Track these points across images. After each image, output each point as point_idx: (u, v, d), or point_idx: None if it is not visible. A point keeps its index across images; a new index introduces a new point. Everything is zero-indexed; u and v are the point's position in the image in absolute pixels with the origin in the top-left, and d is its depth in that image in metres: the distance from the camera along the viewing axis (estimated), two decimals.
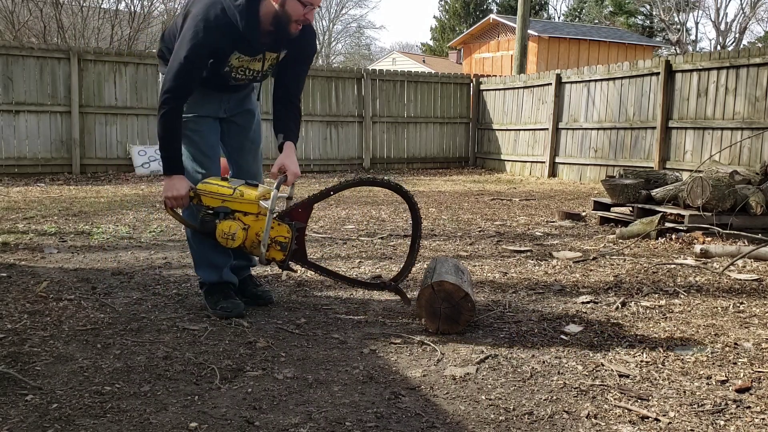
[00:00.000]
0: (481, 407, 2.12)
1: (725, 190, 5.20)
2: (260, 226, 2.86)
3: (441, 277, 2.85)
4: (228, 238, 2.83)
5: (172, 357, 2.51)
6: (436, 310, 2.80)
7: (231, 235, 2.82)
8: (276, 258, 2.93)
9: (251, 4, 2.78)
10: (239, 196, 2.85)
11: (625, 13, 38.35)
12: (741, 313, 3.21)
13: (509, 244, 5.03)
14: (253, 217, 2.87)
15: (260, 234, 2.86)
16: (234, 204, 2.86)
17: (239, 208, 2.87)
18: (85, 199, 7.55)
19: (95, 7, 18.13)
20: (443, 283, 2.79)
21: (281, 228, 2.90)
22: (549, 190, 9.50)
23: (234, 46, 2.85)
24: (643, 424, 2.00)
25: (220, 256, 3.12)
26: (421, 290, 2.85)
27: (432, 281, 2.82)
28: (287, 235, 2.90)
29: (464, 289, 2.80)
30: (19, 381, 2.23)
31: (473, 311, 2.83)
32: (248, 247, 2.91)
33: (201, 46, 2.77)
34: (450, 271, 2.99)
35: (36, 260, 4.20)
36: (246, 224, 2.87)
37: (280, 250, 2.90)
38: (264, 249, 2.87)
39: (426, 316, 2.82)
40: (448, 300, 2.78)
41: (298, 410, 2.07)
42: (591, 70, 10.84)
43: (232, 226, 2.83)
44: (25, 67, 10.16)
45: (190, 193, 2.90)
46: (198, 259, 3.14)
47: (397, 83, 13.22)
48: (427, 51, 45.00)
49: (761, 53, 8.11)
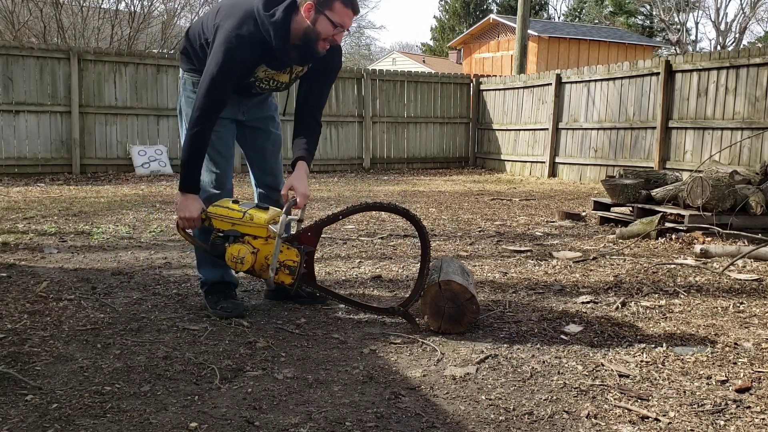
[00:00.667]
0: (481, 407, 2.12)
1: (725, 190, 5.20)
2: (269, 249, 2.85)
3: (448, 276, 2.85)
4: (237, 262, 2.83)
5: (172, 357, 2.51)
6: (440, 308, 2.80)
7: (240, 258, 2.82)
8: (285, 282, 2.92)
9: (286, 19, 2.76)
10: (248, 220, 2.85)
11: (625, 13, 38.35)
12: (741, 313, 3.21)
13: (509, 244, 5.03)
14: (263, 240, 2.86)
15: (269, 257, 2.86)
16: (243, 228, 2.85)
17: (249, 232, 2.86)
18: (85, 199, 7.55)
19: (95, 7, 18.13)
20: (451, 283, 2.79)
21: (290, 252, 2.88)
22: (549, 190, 9.50)
23: (261, 60, 2.84)
24: (643, 424, 2.00)
25: None
26: (427, 287, 2.84)
27: (440, 279, 2.81)
28: (296, 259, 2.88)
29: (471, 291, 2.80)
30: (19, 381, 2.23)
31: (477, 314, 2.83)
32: (257, 271, 2.90)
33: (232, 61, 2.75)
34: (457, 271, 2.99)
35: (36, 260, 4.20)
36: (255, 248, 2.86)
37: (289, 274, 2.90)
38: (273, 273, 2.86)
39: (429, 314, 2.82)
40: (453, 300, 2.78)
41: (298, 410, 2.07)
42: (591, 70, 10.84)
43: (241, 249, 2.82)
44: (25, 67, 10.16)
45: (202, 215, 2.89)
46: (201, 258, 3.13)
47: (397, 83, 13.22)
48: (427, 51, 45.00)
49: (761, 53, 8.11)
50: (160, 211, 6.60)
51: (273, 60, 2.86)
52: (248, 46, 2.76)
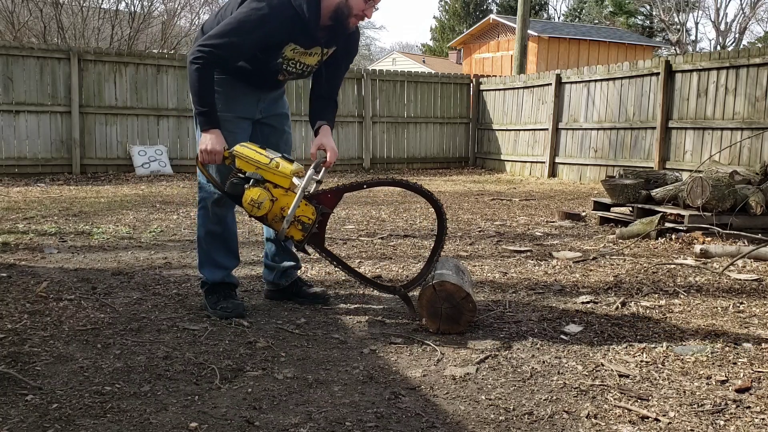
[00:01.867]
0: (481, 407, 2.12)
1: (725, 190, 5.20)
2: (287, 201, 2.83)
3: (442, 277, 2.85)
4: (254, 206, 2.78)
5: (172, 357, 2.51)
6: (437, 310, 2.80)
7: (258, 203, 2.77)
8: (294, 237, 2.88)
9: None
10: (274, 167, 2.81)
11: (625, 13, 38.35)
12: (741, 313, 3.21)
13: (509, 244, 5.03)
14: (283, 191, 2.83)
15: (285, 209, 2.83)
16: (268, 174, 2.81)
17: (271, 179, 2.82)
18: (85, 199, 7.55)
19: (95, 7, 18.14)
20: (444, 284, 2.79)
21: (307, 209, 2.86)
22: (549, 190, 9.50)
23: (292, 36, 2.82)
24: (643, 424, 2.00)
25: (227, 259, 3.13)
26: (422, 290, 2.85)
27: (434, 282, 2.82)
28: (312, 217, 2.86)
29: (465, 290, 2.80)
30: (19, 381, 2.23)
31: (474, 312, 2.83)
32: (269, 220, 2.87)
33: (261, 22, 2.72)
34: (451, 270, 2.99)
35: (36, 260, 4.20)
36: (274, 196, 2.82)
37: (301, 230, 2.86)
38: (286, 225, 2.83)
39: (427, 316, 2.82)
40: (449, 300, 2.79)
41: (298, 410, 2.07)
42: (591, 70, 10.84)
43: (262, 194, 2.78)
44: (25, 67, 10.16)
45: (225, 153, 2.84)
46: (203, 258, 3.13)
47: (397, 83, 13.22)
48: (427, 51, 45.00)
49: (761, 53, 8.11)
50: (160, 211, 6.60)
51: (303, 36, 2.83)
52: (279, 16, 2.73)
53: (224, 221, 3.10)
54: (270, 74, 2.97)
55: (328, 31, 2.87)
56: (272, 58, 2.88)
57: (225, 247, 3.12)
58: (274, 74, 2.98)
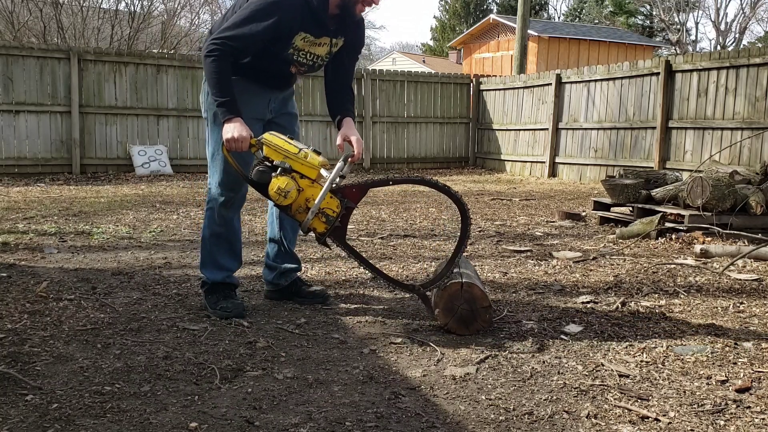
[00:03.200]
0: (481, 407, 2.12)
1: (725, 190, 5.20)
2: (312, 193, 2.82)
3: (472, 280, 2.86)
4: (281, 195, 2.77)
5: (172, 357, 2.51)
6: (454, 307, 2.80)
7: (285, 192, 2.76)
8: (317, 229, 2.87)
9: None
10: (303, 158, 2.80)
11: (625, 13, 38.34)
12: (741, 313, 3.21)
13: (509, 244, 5.03)
14: (309, 182, 2.83)
15: (310, 200, 2.82)
16: (296, 164, 2.80)
17: (299, 169, 2.81)
18: (85, 199, 7.55)
19: (95, 7, 18.13)
20: (473, 287, 2.80)
21: (332, 201, 2.85)
22: (549, 190, 9.50)
23: (302, 25, 2.84)
24: (643, 424, 2.00)
25: (229, 261, 3.13)
26: (450, 283, 2.83)
27: (463, 280, 2.81)
28: (336, 210, 2.86)
29: (489, 300, 2.81)
30: (19, 381, 2.23)
31: (488, 323, 2.83)
32: (293, 210, 2.85)
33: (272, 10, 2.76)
34: (476, 277, 3.00)
35: (36, 260, 4.20)
36: (300, 187, 2.81)
37: (325, 222, 2.86)
38: (311, 216, 2.82)
39: (442, 309, 2.81)
40: (469, 303, 2.78)
41: (298, 410, 2.07)
42: (591, 70, 10.84)
43: (289, 183, 2.76)
44: (25, 67, 10.16)
45: (252, 140, 2.83)
46: (206, 258, 3.13)
47: (397, 83, 13.22)
48: (427, 51, 44.99)
49: (761, 53, 8.11)
50: (160, 211, 6.60)
51: (313, 25, 2.86)
52: (289, 5, 2.78)
53: (230, 224, 3.11)
54: (281, 67, 2.98)
55: (336, 20, 2.92)
56: (283, 49, 2.89)
57: (229, 249, 3.13)
58: (287, 65, 2.98)
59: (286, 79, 3.10)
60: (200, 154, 11.46)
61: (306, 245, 4.83)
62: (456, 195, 2.92)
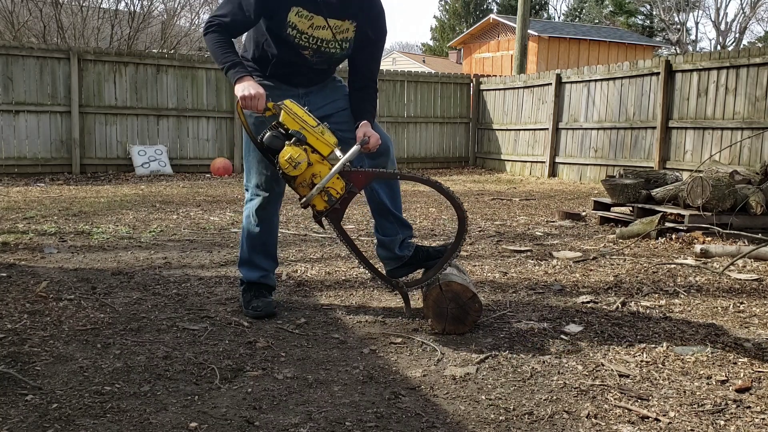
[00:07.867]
0: (481, 407, 2.12)
1: (725, 190, 5.20)
2: (320, 169, 2.79)
3: (448, 277, 2.85)
4: (291, 164, 2.73)
5: (172, 357, 2.51)
6: (443, 310, 2.80)
7: (296, 162, 2.72)
8: (317, 206, 2.85)
9: None
10: (320, 133, 2.78)
11: (625, 13, 38.35)
12: (741, 313, 3.21)
13: (509, 244, 5.03)
14: (319, 157, 2.79)
15: (317, 177, 2.79)
16: (311, 137, 2.77)
17: (313, 143, 2.77)
18: (85, 199, 7.55)
19: (95, 7, 18.12)
20: (451, 284, 2.79)
21: (338, 182, 2.83)
22: (549, 190, 9.50)
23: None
24: (643, 424, 2.00)
25: (265, 261, 3.15)
26: (428, 290, 2.84)
27: (440, 282, 2.81)
28: (340, 191, 2.83)
29: (471, 290, 2.80)
30: (19, 381, 2.23)
31: (480, 312, 2.83)
32: (297, 182, 2.82)
33: None
34: (454, 271, 2.99)
35: (36, 260, 4.20)
36: (310, 161, 2.78)
37: (326, 202, 2.83)
38: (315, 192, 2.78)
39: (433, 317, 2.82)
40: (455, 300, 2.78)
41: (298, 410, 2.07)
42: (591, 70, 10.84)
43: (302, 155, 2.73)
44: (25, 67, 10.16)
45: (270, 104, 2.81)
46: (243, 257, 3.16)
47: (397, 83, 13.22)
48: (427, 51, 44.99)
49: (761, 53, 8.11)
50: (160, 211, 6.60)
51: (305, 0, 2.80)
52: None
53: (266, 223, 3.11)
54: (291, 56, 2.92)
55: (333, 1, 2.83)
56: (280, 27, 2.83)
57: (263, 250, 3.14)
58: (294, 52, 2.91)
59: (309, 72, 3.02)
60: (200, 153, 11.47)
61: (306, 245, 4.83)
62: (458, 201, 2.88)
